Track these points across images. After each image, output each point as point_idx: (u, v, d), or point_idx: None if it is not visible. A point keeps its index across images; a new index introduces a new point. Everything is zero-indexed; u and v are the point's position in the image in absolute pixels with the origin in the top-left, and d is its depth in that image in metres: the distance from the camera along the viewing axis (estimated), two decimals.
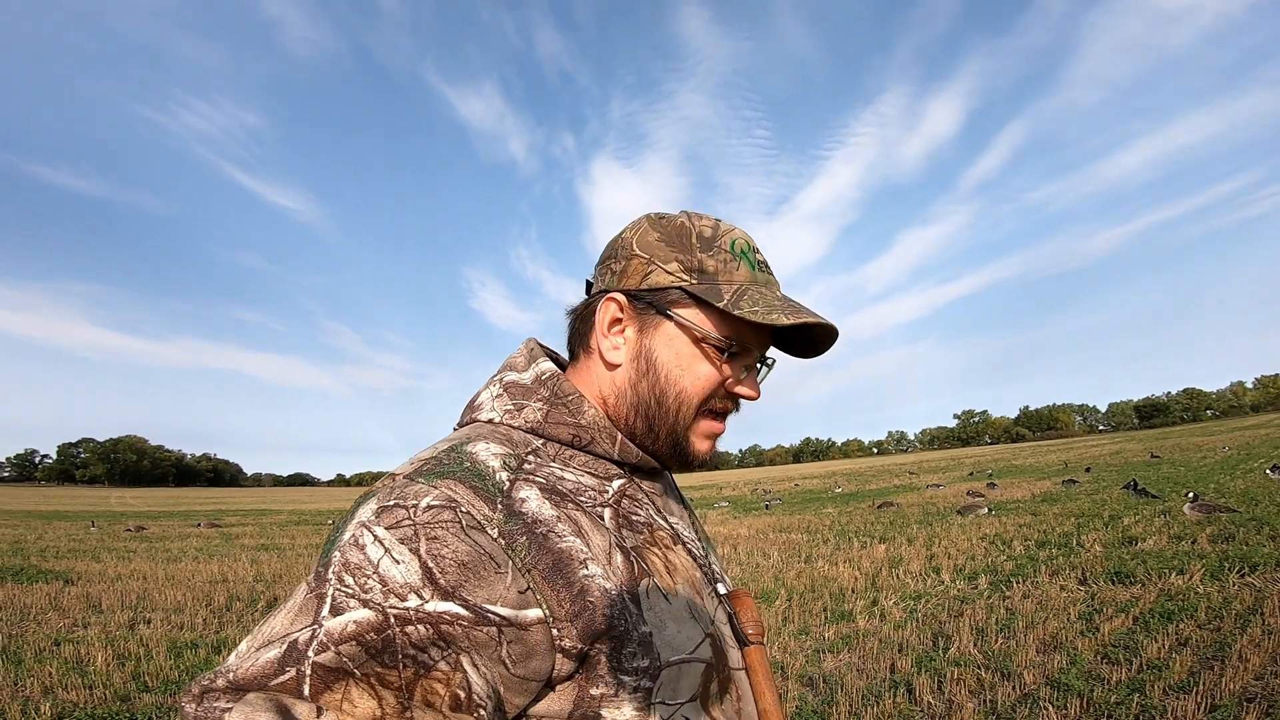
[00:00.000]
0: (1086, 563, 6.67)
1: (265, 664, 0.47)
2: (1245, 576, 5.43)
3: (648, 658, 0.58)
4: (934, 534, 10.36)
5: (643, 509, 0.71)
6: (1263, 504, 9.73)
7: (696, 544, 0.77)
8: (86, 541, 15.20)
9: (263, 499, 56.16)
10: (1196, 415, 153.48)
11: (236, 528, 20.20)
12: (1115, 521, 9.54)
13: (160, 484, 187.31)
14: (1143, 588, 5.48)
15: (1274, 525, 7.63)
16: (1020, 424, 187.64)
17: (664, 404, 0.71)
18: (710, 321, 0.70)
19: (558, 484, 0.64)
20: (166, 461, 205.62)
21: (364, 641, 0.48)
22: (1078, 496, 13.82)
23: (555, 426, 0.69)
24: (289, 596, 0.53)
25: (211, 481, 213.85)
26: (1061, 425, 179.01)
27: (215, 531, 18.74)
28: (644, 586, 0.62)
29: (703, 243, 0.72)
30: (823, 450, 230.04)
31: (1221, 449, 25.28)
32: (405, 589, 0.50)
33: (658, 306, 0.71)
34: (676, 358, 0.70)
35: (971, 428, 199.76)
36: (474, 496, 0.57)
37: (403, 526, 0.53)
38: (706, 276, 0.70)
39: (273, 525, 21.50)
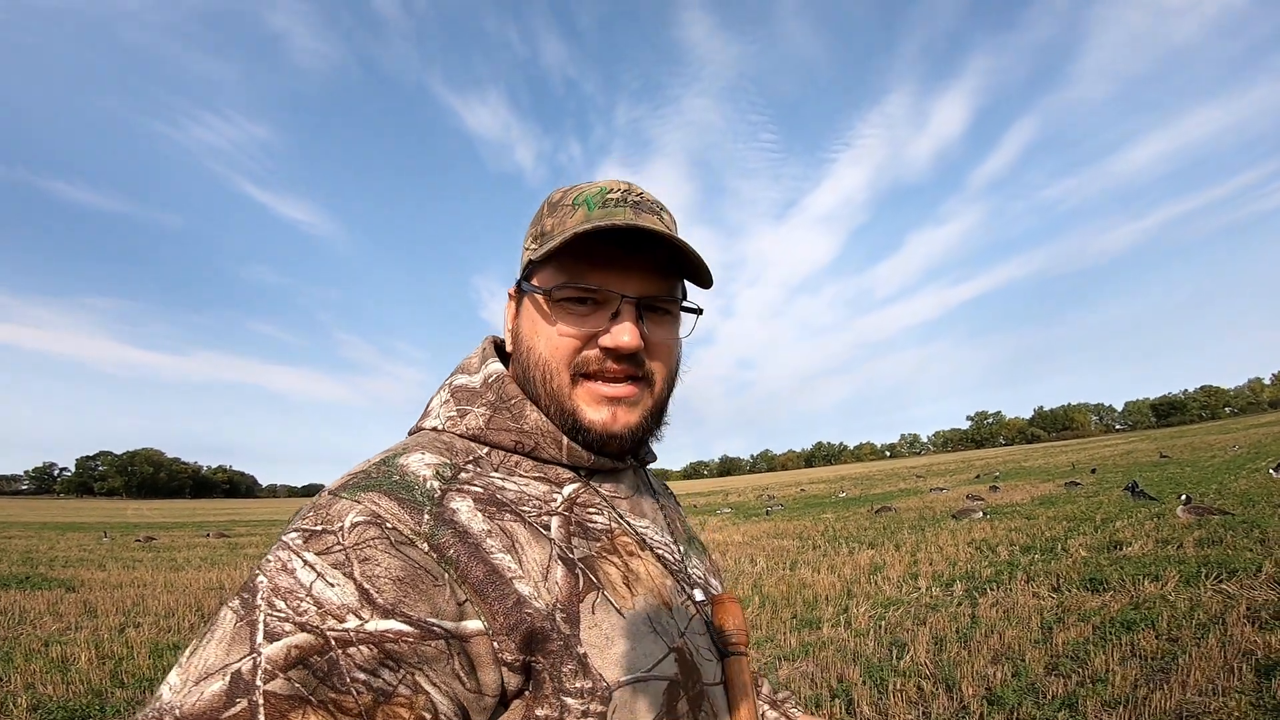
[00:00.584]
0: (1065, 569, 6.54)
1: (212, 697, 0.45)
2: (1222, 582, 5.28)
3: (589, 679, 0.55)
4: (923, 539, 10.22)
5: (602, 514, 0.67)
6: (1259, 505, 9.52)
7: (671, 548, 0.73)
8: (96, 552, 15.69)
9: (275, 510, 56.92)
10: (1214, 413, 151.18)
11: (244, 537, 20.62)
12: (1106, 525, 9.37)
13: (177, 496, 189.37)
14: (1114, 595, 5.35)
15: (1264, 528, 7.45)
16: (1035, 425, 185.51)
17: (532, 376, 0.68)
18: (552, 279, 0.67)
19: (496, 494, 0.61)
20: (183, 474, 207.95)
21: (310, 665, 0.46)
22: (1076, 499, 13.61)
23: (498, 433, 0.67)
24: (212, 625, 0.50)
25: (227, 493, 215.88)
26: (1077, 425, 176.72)
27: (222, 541, 19.24)
28: (589, 601, 0.58)
29: (551, 208, 0.70)
30: (834, 454, 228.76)
31: (1232, 448, 24.80)
32: (343, 610, 0.48)
33: (521, 286, 0.71)
34: (534, 327, 0.68)
35: (985, 429, 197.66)
36: (399, 509, 0.54)
37: (333, 552, 0.51)
38: (546, 237, 0.68)
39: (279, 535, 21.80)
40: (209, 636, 0.49)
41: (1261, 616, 4.23)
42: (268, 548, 0.54)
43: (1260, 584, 5.08)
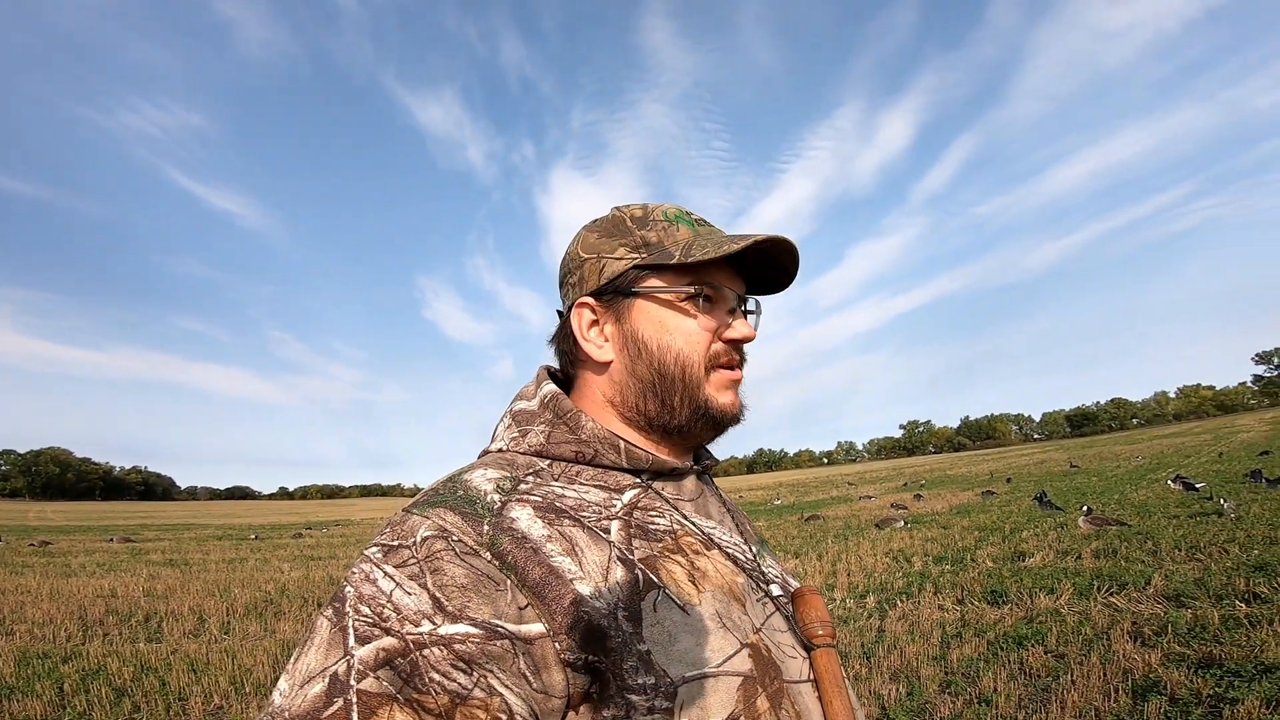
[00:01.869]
0: (970, 581, 6.70)
1: (314, 698, 0.49)
2: (1112, 596, 5.50)
3: (652, 675, 0.55)
4: (846, 548, 10.39)
5: (664, 516, 0.68)
6: (1155, 516, 10.07)
7: (740, 547, 0.74)
8: None
9: (194, 513, 54.23)
10: (1123, 424, 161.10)
11: (152, 543, 19.73)
12: (1014, 535, 9.73)
13: (86, 498, 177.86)
14: (1012, 609, 5.49)
15: (1157, 539, 7.86)
16: (961, 434, 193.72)
17: (666, 373, 0.71)
18: (674, 282, 0.71)
19: (556, 501, 0.64)
20: (93, 475, 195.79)
21: (395, 666, 0.50)
22: (990, 509, 14.15)
23: (558, 446, 0.70)
24: (311, 633, 0.54)
25: (142, 495, 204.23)
26: (999, 435, 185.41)
27: (126, 547, 18.41)
28: (650, 600, 0.59)
29: (638, 222, 0.74)
30: (775, 461, 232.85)
31: (1136, 458, 26.44)
32: (418, 616, 0.52)
33: (623, 291, 0.72)
34: (660, 327, 0.71)
35: (916, 438, 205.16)
36: (463, 522, 0.58)
37: (409, 565, 0.55)
38: (653, 246, 0.72)
39: (191, 540, 20.93)
40: (309, 644, 0.53)
41: (1144, 633, 4.38)
42: (351, 562, 0.60)
43: (1148, 598, 5.30)
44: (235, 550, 17.22)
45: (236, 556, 15.36)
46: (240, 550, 17.15)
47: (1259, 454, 20.21)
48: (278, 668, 5.26)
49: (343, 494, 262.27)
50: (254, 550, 17.16)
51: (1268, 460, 17.68)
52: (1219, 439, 33.23)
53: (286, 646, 5.94)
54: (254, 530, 26.03)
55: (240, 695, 4.67)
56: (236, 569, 12.69)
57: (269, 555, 15.59)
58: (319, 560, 14.22)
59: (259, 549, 17.60)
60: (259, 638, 6.51)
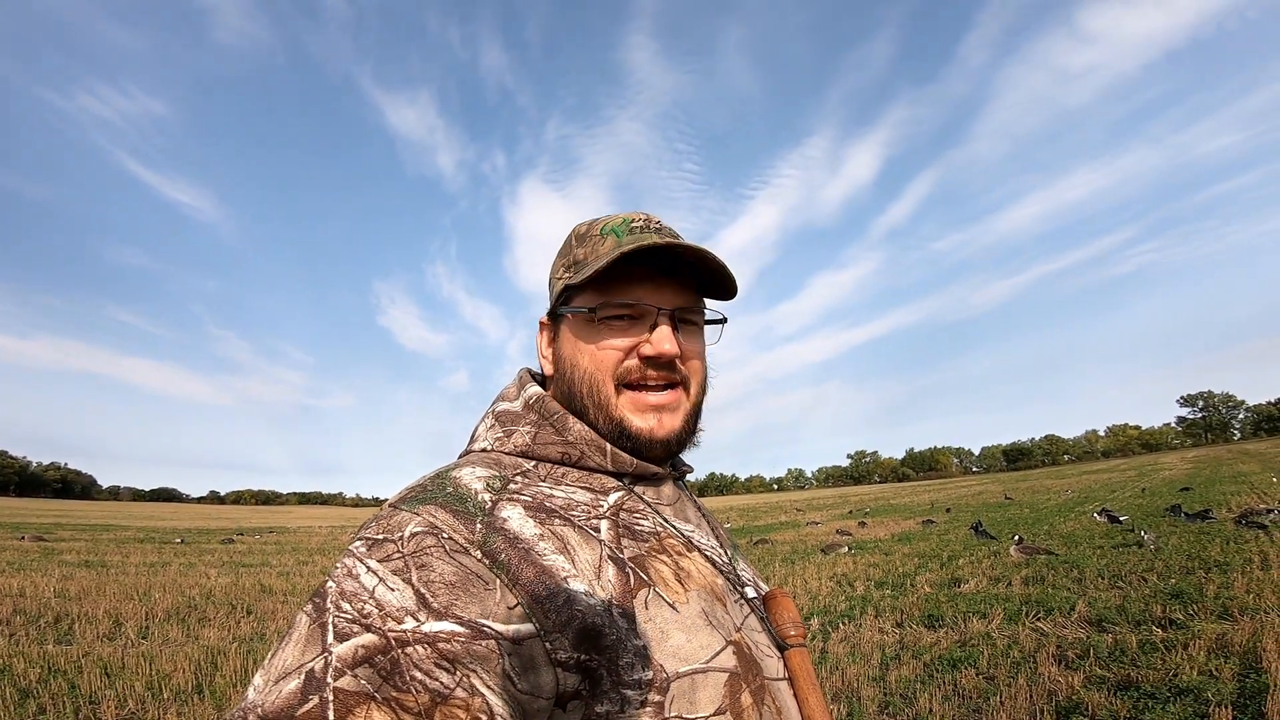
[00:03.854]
0: (909, 605, 6.88)
1: (289, 695, 0.48)
2: (1039, 620, 5.72)
3: (649, 669, 0.56)
4: (792, 572, 10.51)
5: (648, 518, 0.70)
6: (1081, 546, 10.53)
7: (717, 550, 0.76)
8: None
9: (115, 513, 51.28)
10: (1055, 459, 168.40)
11: (67, 543, 18.72)
12: (951, 562, 10.03)
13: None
14: (947, 631, 5.66)
15: (1082, 567, 8.22)
16: (905, 464, 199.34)
17: (576, 391, 0.72)
18: (590, 300, 0.72)
19: (545, 501, 0.64)
20: (8, 469, 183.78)
21: (374, 664, 0.49)
22: (929, 536, 14.56)
23: (544, 447, 0.71)
24: (291, 629, 0.54)
25: (59, 493, 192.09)
26: (941, 466, 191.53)
27: (38, 546, 17.49)
28: (641, 598, 0.60)
29: (579, 240, 0.76)
30: (727, 485, 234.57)
31: (1065, 492, 27.65)
32: (401, 612, 0.51)
33: (555, 312, 0.77)
34: (575, 346, 0.73)
35: (863, 467, 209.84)
36: (454, 520, 0.58)
37: (394, 560, 0.54)
38: (580, 265, 0.74)
39: (110, 541, 19.89)
40: (287, 640, 0.53)
41: (1068, 656, 4.58)
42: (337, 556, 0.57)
43: (1072, 623, 5.54)
44: (158, 554, 16.37)
45: (159, 560, 14.63)
46: (164, 554, 16.31)
47: (1180, 490, 21.38)
48: (200, 674, 5.01)
49: (279, 500, 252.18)
50: (178, 554, 16.32)
51: (1188, 496, 18.72)
52: (1143, 475, 35.03)
53: (211, 653, 5.66)
54: (180, 534, 24.77)
55: (158, 701, 4.43)
56: (159, 573, 12.05)
57: (195, 560, 14.85)
58: (250, 567, 13.61)
59: (184, 553, 16.75)
60: (180, 644, 6.19)
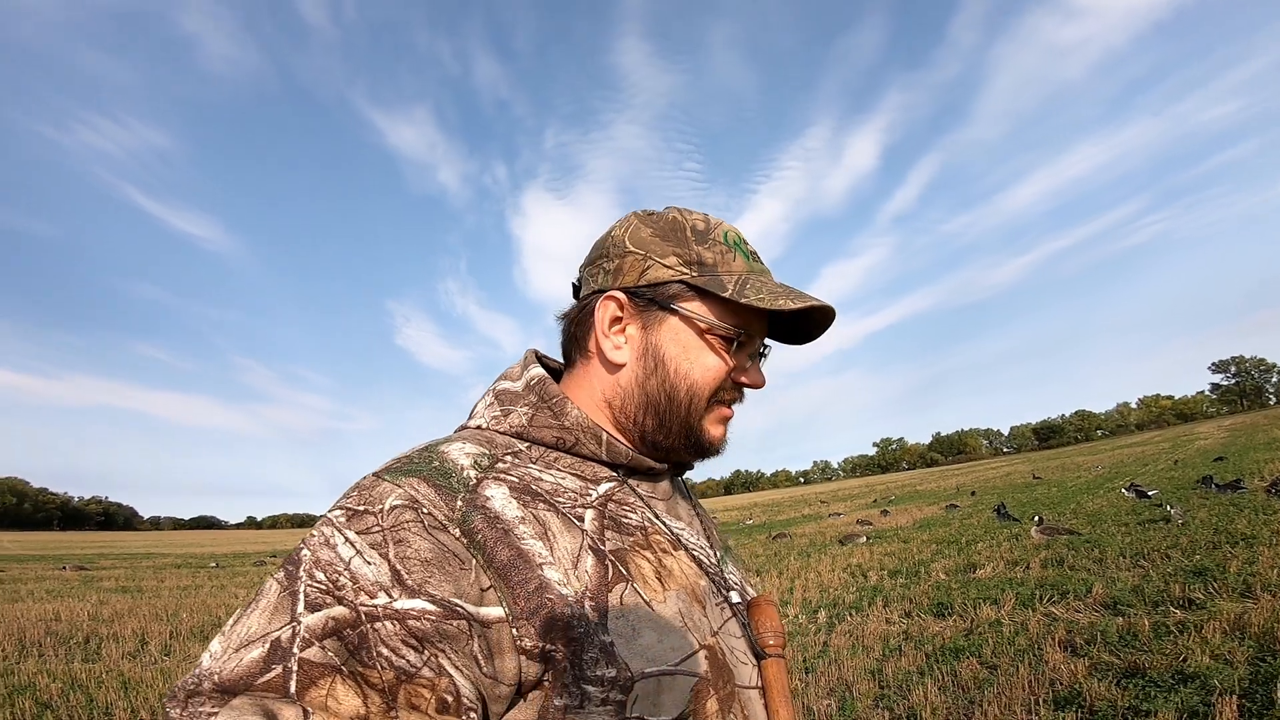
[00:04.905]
0: (919, 593, 6.75)
1: (250, 663, 0.47)
2: (1053, 605, 5.56)
3: (613, 667, 0.54)
4: (807, 565, 10.41)
5: (636, 512, 0.68)
6: (1106, 524, 10.25)
7: (706, 550, 0.74)
8: None
9: (155, 542, 52.51)
10: (1088, 435, 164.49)
11: (107, 571, 19.24)
12: (969, 547, 9.83)
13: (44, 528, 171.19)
14: (956, 620, 5.53)
15: (1104, 547, 7.99)
16: (933, 449, 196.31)
17: (675, 399, 0.70)
18: (715, 313, 0.70)
19: (532, 484, 0.63)
20: (51, 505, 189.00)
21: (343, 637, 0.48)
22: (951, 522, 14.31)
23: (539, 429, 0.69)
24: (259, 595, 0.52)
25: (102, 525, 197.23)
26: (969, 449, 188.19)
27: (79, 575, 18.00)
28: (617, 592, 0.59)
29: (697, 236, 0.72)
30: (752, 482, 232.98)
31: (1095, 468, 27.00)
32: (375, 587, 0.50)
33: (660, 302, 0.70)
34: (684, 351, 0.70)
35: (890, 454, 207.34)
36: (435, 495, 0.57)
37: (372, 532, 0.53)
38: (706, 269, 0.70)
39: (148, 568, 20.45)
40: (254, 606, 0.51)
41: (1076, 642, 4.43)
42: (314, 524, 0.56)
43: (1087, 606, 5.37)
44: (192, 578, 16.74)
45: (192, 584, 14.98)
46: (197, 578, 16.67)
47: (1213, 460, 20.75)
48: None
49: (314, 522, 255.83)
50: (211, 578, 16.66)
51: (1221, 466, 18.15)
52: (1176, 447, 34.10)
53: None
54: (215, 559, 25.26)
55: None
56: (189, 595, 12.33)
57: (226, 582, 15.15)
58: None
59: (216, 576, 17.11)
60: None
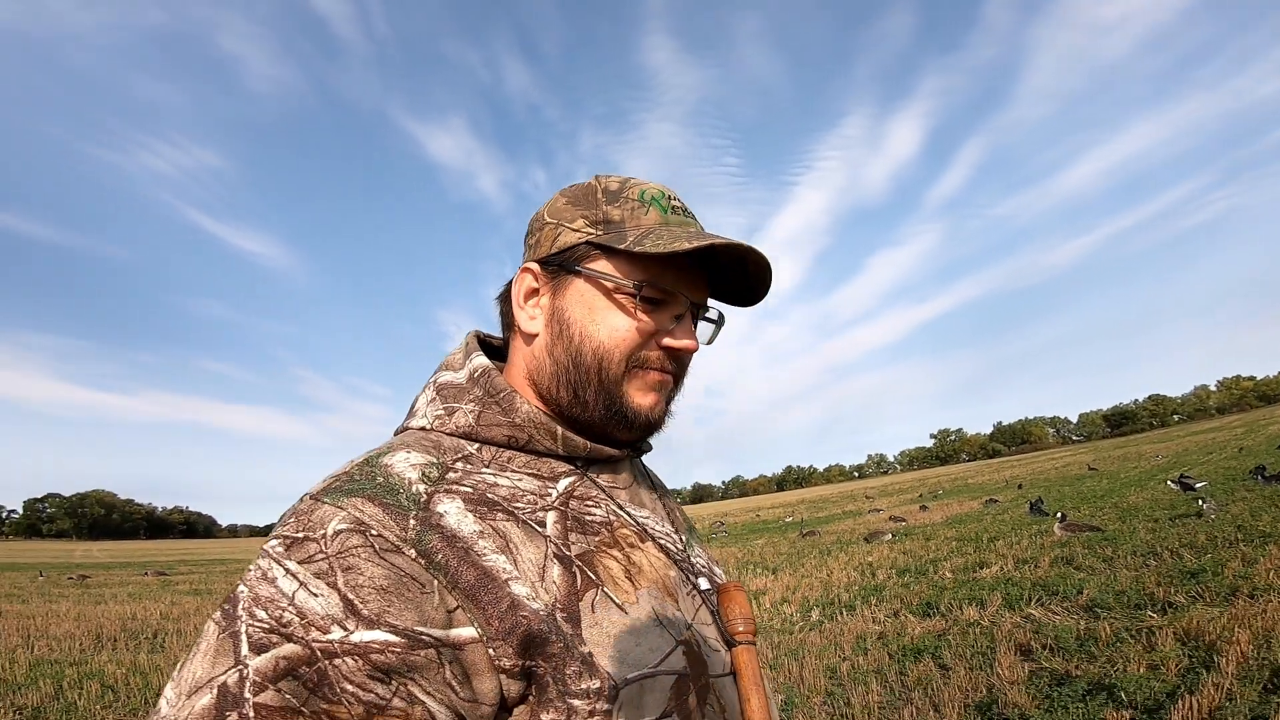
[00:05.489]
0: (918, 593, 6.74)
1: (202, 711, 0.45)
2: (1040, 606, 5.51)
3: (596, 678, 0.53)
4: (823, 563, 10.41)
5: (600, 506, 0.66)
6: (1137, 519, 9.87)
7: (672, 537, 0.72)
8: (26, 588, 15.81)
9: (232, 549, 55.42)
10: (1164, 421, 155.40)
11: (184, 576, 20.37)
12: (990, 544, 9.65)
13: (131, 537, 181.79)
14: (939, 620, 5.54)
15: (1118, 544, 7.74)
16: (995, 440, 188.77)
17: (580, 363, 0.66)
18: (621, 270, 0.66)
19: (487, 492, 0.59)
20: (137, 515, 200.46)
21: (299, 676, 0.46)
22: (983, 517, 13.98)
23: (489, 428, 0.65)
24: (199, 639, 0.49)
25: (184, 534, 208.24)
26: (1034, 439, 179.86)
27: (158, 579, 19.09)
28: (589, 600, 0.57)
29: (608, 195, 0.69)
30: (805, 477, 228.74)
31: (1156, 457, 25.71)
32: (327, 621, 0.47)
33: (566, 266, 0.67)
34: (589, 312, 0.66)
35: (948, 446, 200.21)
36: (384, 515, 0.53)
37: (316, 561, 0.49)
38: (613, 226, 0.67)
39: (220, 573, 21.66)
40: (195, 650, 0.49)
41: (1032, 646, 4.39)
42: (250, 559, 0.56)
43: (1069, 609, 5.29)
44: None
45: None
46: None
47: (1277, 447, 19.55)
48: None
49: None
50: None
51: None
52: (1251, 431, 32.11)
53: None
54: None
55: None
56: None
57: None
58: None
59: None
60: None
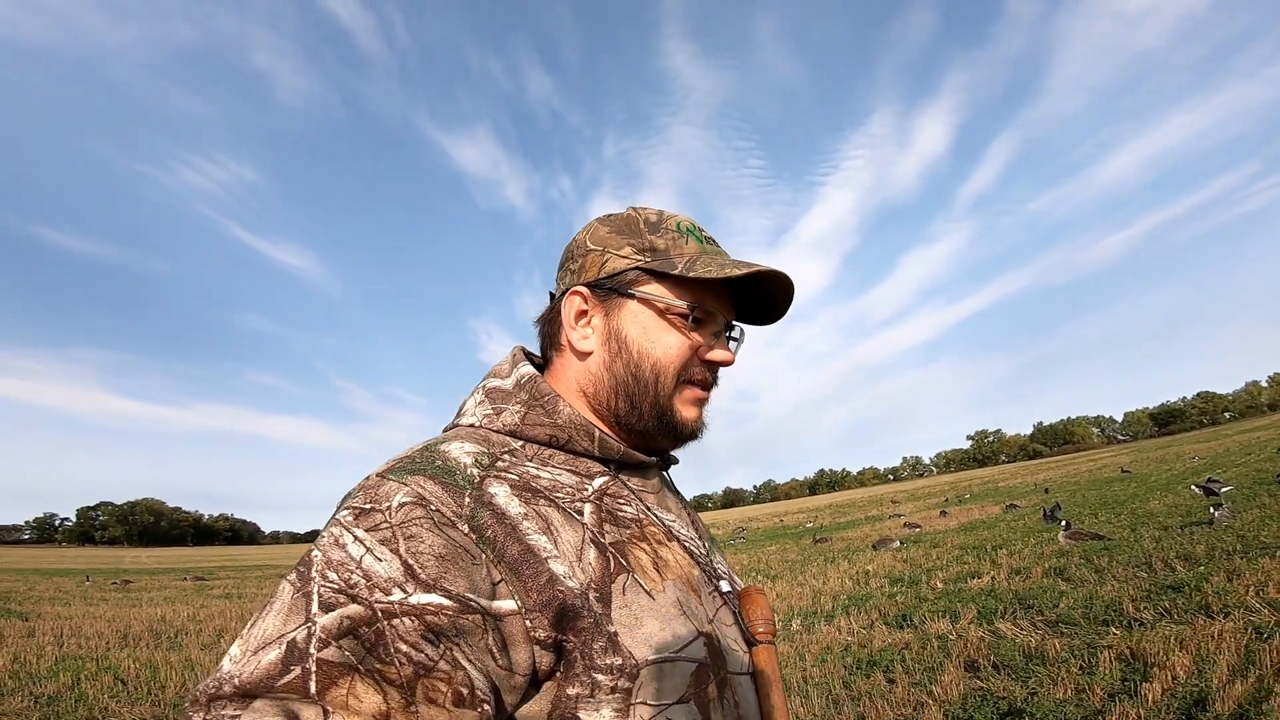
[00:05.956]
0: (900, 603, 6.73)
1: (269, 665, 0.49)
2: (1011, 619, 5.45)
3: (619, 655, 0.58)
4: (823, 570, 10.39)
5: (631, 505, 0.72)
6: (1150, 526, 9.62)
7: (696, 541, 0.78)
8: (72, 592, 16.57)
9: (272, 555, 56.94)
10: (1214, 418, 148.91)
11: (220, 581, 21.12)
12: (992, 553, 9.53)
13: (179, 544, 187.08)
14: (910, 632, 5.54)
15: (1117, 553, 7.59)
16: (1036, 440, 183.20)
17: (640, 377, 0.73)
18: (671, 292, 0.74)
19: (531, 481, 0.65)
20: (184, 522, 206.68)
21: (359, 635, 0.50)
22: (997, 525, 13.73)
23: (533, 428, 0.71)
24: (273, 598, 0.54)
25: (230, 540, 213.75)
26: (1078, 439, 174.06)
27: (195, 584, 19.85)
28: (619, 583, 0.62)
29: (650, 226, 0.77)
30: (838, 481, 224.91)
31: (1193, 458, 24.83)
32: (389, 583, 0.52)
33: (619, 289, 0.75)
34: (644, 332, 0.74)
35: (986, 448, 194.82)
36: (443, 492, 0.58)
37: (381, 529, 0.55)
38: (659, 253, 0.75)
39: (256, 578, 22.30)
40: (268, 608, 0.53)
41: (978, 664, 4.39)
42: (324, 526, 0.59)
43: (1036, 624, 5.21)
44: None
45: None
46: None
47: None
48: None
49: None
50: None
51: None
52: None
53: None
54: None
55: None
56: None
57: None
58: None
59: None
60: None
